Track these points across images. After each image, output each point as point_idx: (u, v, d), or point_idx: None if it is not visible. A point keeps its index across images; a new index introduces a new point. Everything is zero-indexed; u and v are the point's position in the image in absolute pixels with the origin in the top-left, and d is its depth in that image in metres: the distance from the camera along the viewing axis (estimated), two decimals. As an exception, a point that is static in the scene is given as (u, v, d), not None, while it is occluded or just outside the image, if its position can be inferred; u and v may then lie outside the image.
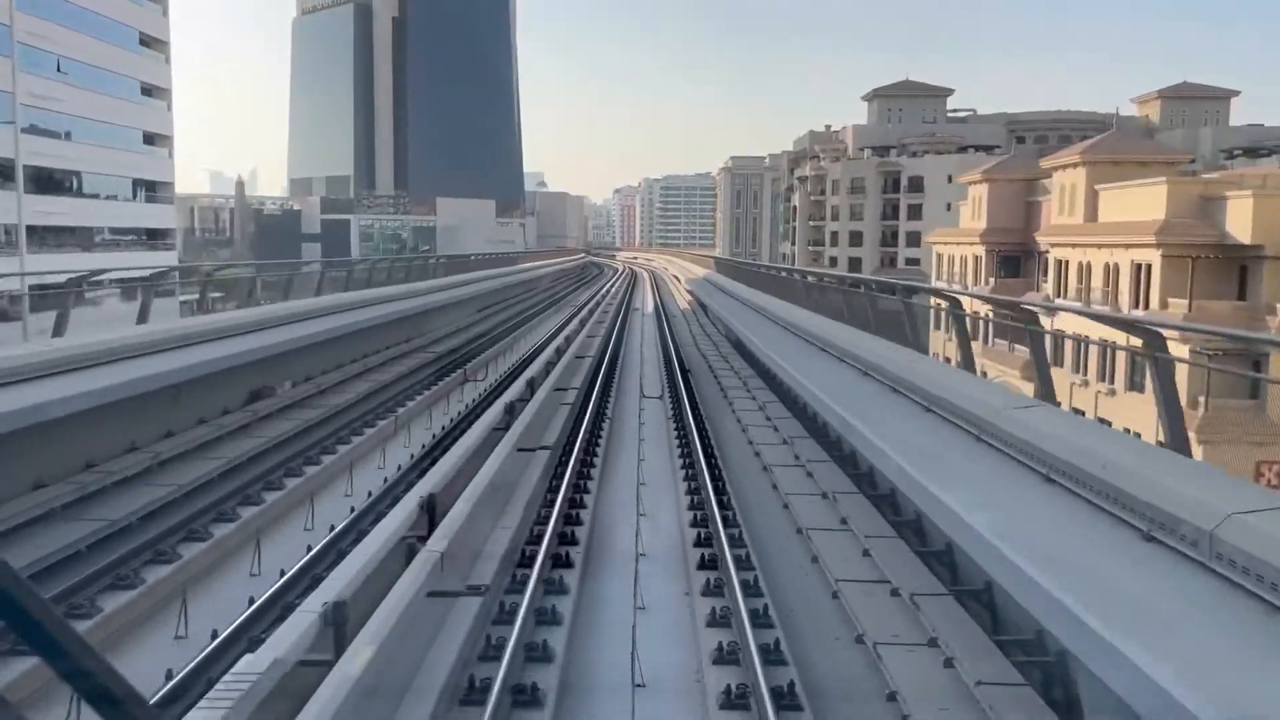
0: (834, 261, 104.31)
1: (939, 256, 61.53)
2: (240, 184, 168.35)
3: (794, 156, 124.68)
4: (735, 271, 46.32)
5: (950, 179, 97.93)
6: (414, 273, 36.36)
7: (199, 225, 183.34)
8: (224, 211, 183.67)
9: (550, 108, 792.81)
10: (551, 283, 66.57)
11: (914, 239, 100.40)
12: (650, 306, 46.28)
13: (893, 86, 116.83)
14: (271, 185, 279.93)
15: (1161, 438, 8.99)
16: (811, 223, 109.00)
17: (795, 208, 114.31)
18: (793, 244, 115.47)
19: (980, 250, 53.31)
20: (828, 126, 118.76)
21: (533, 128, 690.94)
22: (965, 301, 17.05)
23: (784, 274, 34.96)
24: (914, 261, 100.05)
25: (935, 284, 59.60)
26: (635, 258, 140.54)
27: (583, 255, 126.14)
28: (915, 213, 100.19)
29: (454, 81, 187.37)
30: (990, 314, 43.07)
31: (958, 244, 57.33)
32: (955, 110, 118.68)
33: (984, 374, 18.86)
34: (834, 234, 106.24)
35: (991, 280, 52.80)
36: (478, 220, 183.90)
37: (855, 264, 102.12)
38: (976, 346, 50.58)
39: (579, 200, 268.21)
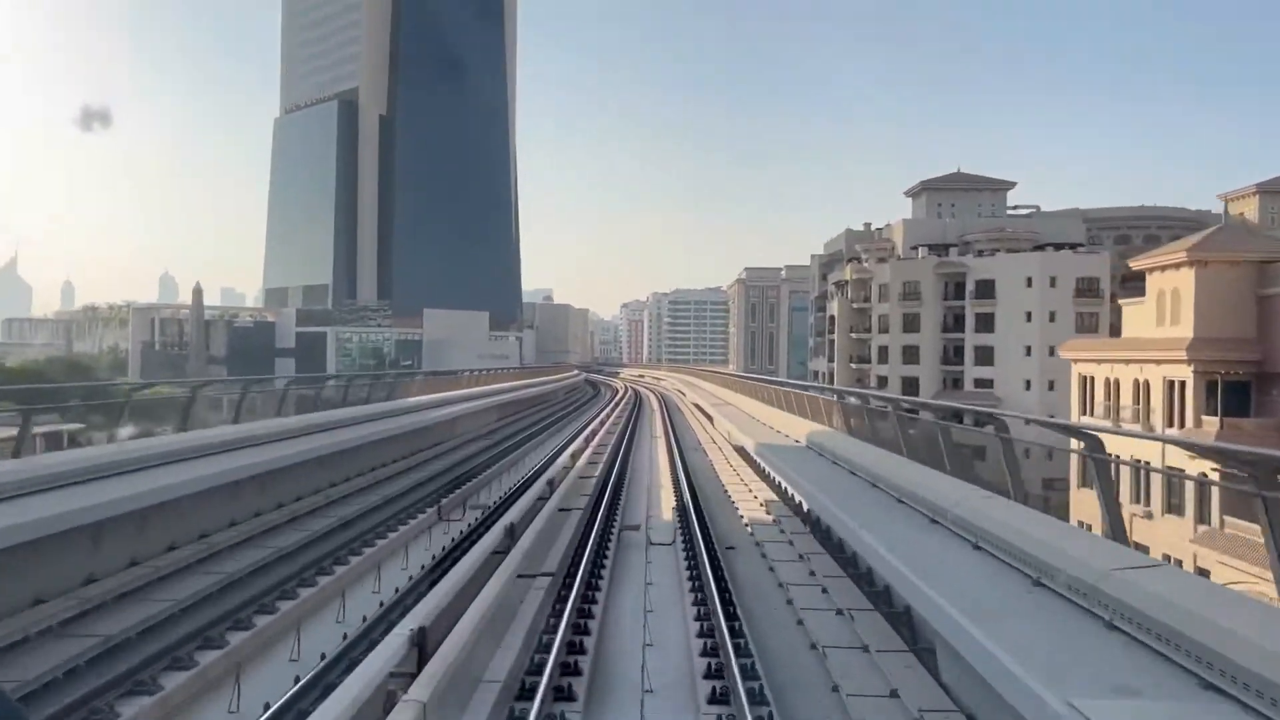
0: (883, 381, 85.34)
1: (1084, 380, 41.81)
2: (198, 293, 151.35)
3: (827, 260, 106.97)
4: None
5: (1030, 282, 79.39)
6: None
7: (159, 338, 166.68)
8: (190, 324, 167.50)
9: (558, 225, 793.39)
10: (498, 420, 41.59)
11: (985, 355, 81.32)
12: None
13: (944, 179, 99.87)
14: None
15: None
16: (854, 335, 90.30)
17: (832, 318, 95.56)
18: (830, 360, 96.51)
19: (1184, 371, 33.64)
20: (868, 225, 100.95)
21: (540, 246, 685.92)
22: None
23: None
24: (985, 383, 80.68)
25: (1081, 420, 39.88)
26: (641, 376, 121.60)
27: (576, 373, 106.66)
28: (985, 323, 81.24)
29: (445, 185, 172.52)
30: (1205, 475, 24.16)
31: (1126, 362, 37.73)
32: (1015, 207, 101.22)
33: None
34: (882, 349, 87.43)
35: (1205, 419, 33.08)
36: (469, 333, 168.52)
37: (910, 384, 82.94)
38: (1183, 526, 30.07)
39: (582, 313, 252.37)
